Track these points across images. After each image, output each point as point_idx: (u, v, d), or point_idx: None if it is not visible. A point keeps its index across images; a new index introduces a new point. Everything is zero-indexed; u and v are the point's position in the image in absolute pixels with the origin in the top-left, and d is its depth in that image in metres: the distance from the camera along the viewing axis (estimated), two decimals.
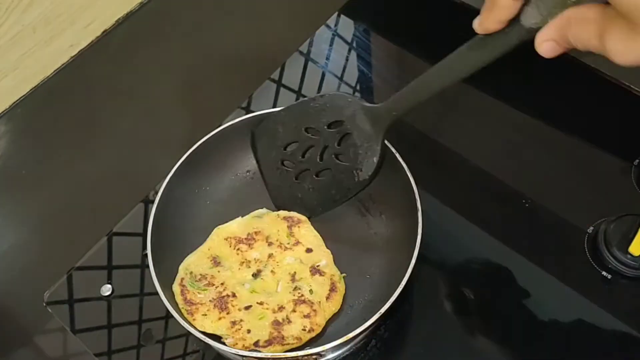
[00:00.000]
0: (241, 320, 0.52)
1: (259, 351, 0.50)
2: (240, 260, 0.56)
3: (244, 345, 0.51)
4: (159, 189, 0.56)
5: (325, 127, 0.55)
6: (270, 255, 0.56)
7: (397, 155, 0.55)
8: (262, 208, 0.60)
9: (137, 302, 0.58)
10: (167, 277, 0.54)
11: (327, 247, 0.57)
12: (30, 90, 0.75)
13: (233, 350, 0.50)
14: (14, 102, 0.74)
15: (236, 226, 0.58)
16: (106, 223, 0.63)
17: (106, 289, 0.59)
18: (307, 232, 0.57)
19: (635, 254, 0.54)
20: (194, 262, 0.56)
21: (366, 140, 0.53)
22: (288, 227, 0.57)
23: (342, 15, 0.79)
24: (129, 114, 0.73)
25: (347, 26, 0.78)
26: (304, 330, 0.51)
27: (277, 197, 0.60)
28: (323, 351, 0.49)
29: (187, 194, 0.59)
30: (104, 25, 0.79)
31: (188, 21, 0.82)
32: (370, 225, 0.59)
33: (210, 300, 0.53)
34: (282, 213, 0.59)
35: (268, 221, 0.58)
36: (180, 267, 0.55)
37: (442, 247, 0.59)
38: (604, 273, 0.56)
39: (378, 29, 0.77)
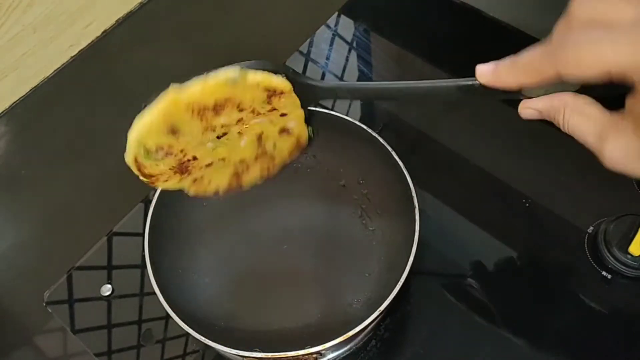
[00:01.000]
0: (202, 177, 0.51)
1: (258, 350, 0.50)
2: (205, 126, 0.48)
3: (205, 192, 0.51)
4: (157, 189, 0.56)
5: None
6: (240, 120, 0.49)
7: (393, 153, 0.55)
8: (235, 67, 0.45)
9: (137, 302, 0.58)
10: (166, 278, 0.54)
11: (325, 245, 0.57)
12: (30, 90, 0.75)
13: (234, 351, 0.50)
14: (14, 102, 0.74)
15: (200, 91, 0.45)
16: (106, 223, 0.63)
17: (106, 289, 0.59)
18: (287, 101, 0.49)
19: (635, 254, 0.54)
20: (145, 135, 0.47)
21: None
22: (267, 96, 0.48)
23: (342, 15, 0.79)
24: (129, 114, 0.73)
25: (347, 26, 0.78)
26: (262, 175, 0.52)
27: None
28: (323, 350, 0.49)
29: (184, 195, 0.59)
30: (104, 25, 0.79)
31: (188, 21, 0.82)
32: (368, 224, 0.59)
33: (170, 169, 0.49)
34: (264, 82, 0.46)
35: (243, 89, 0.47)
36: (130, 139, 0.47)
37: (442, 247, 0.59)
38: (604, 273, 0.56)
39: (378, 29, 0.77)
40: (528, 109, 0.39)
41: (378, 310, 0.48)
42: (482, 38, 0.73)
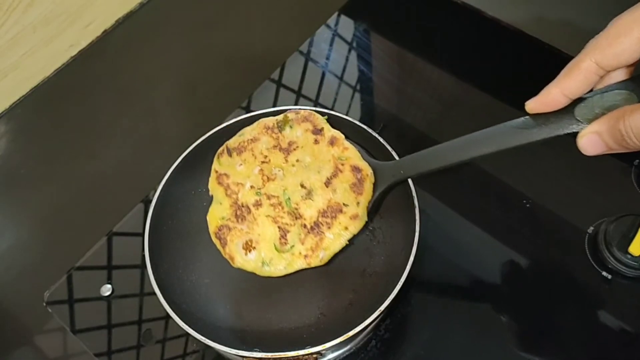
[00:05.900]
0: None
1: (258, 350, 0.50)
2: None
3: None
4: (157, 189, 0.56)
5: None
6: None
7: (394, 153, 0.55)
8: None
9: (137, 302, 0.58)
10: (166, 278, 0.54)
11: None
12: (30, 90, 0.75)
13: (233, 351, 0.50)
14: (14, 102, 0.74)
15: None
16: (106, 223, 0.63)
17: (106, 289, 0.59)
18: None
19: (635, 254, 0.54)
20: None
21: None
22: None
23: (342, 15, 0.79)
24: (129, 114, 0.74)
25: (347, 26, 0.78)
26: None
27: None
28: (323, 350, 0.49)
29: (184, 195, 0.59)
30: (104, 25, 0.79)
31: (188, 21, 0.82)
32: (368, 224, 0.59)
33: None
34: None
35: None
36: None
37: (442, 248, 0.59)
38: (604, 273, 0.56)
39: (378, 29, 0.77)
40: (588, 134, 0.38)
41: (378, 310, 0.48)
42: (483, 38, 0.73)
